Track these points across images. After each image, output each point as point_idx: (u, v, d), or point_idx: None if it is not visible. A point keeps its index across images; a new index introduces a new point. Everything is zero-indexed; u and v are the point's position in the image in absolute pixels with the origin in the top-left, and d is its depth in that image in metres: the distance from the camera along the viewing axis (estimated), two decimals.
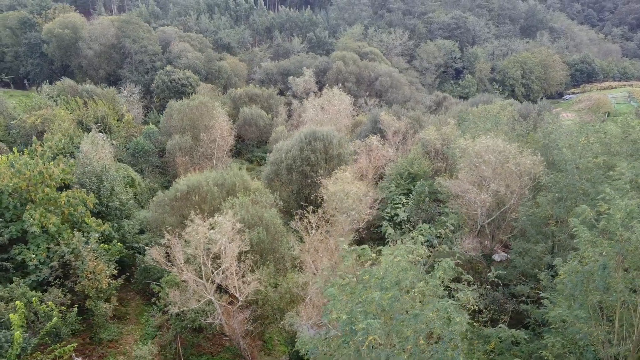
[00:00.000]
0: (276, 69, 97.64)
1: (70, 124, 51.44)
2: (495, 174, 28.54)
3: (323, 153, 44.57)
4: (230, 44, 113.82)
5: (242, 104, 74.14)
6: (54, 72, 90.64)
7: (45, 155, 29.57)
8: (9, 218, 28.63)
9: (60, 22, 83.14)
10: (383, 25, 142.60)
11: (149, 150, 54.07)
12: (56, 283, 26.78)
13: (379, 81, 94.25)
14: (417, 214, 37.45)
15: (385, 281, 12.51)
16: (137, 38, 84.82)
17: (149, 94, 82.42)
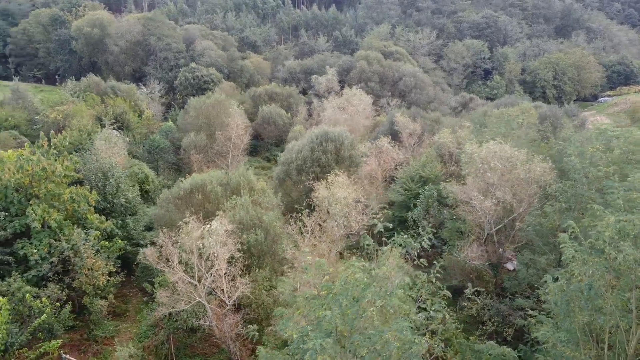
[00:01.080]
0: (299, 67, 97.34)
1: (89, 120, 52.30)
2: (501, 181, 27.40)
3: (334, 154, 43.96)
4: (255, 42, 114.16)
5: (262, 102, 74.09)
6: (82, 68, 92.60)
7: (50, 151, 29.89)
8: (14, 212, 29.14)
9: (89, 20, 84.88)
10: (411, 24, 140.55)
11: (165, 148, 54.54)
12: (54, 279, 27.08)
13: (402, 81, 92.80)
14: (425, 218, 36.55)
15: (341, 298, 11.85)
16: (162, 35, 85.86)
17: (172, 91, 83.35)
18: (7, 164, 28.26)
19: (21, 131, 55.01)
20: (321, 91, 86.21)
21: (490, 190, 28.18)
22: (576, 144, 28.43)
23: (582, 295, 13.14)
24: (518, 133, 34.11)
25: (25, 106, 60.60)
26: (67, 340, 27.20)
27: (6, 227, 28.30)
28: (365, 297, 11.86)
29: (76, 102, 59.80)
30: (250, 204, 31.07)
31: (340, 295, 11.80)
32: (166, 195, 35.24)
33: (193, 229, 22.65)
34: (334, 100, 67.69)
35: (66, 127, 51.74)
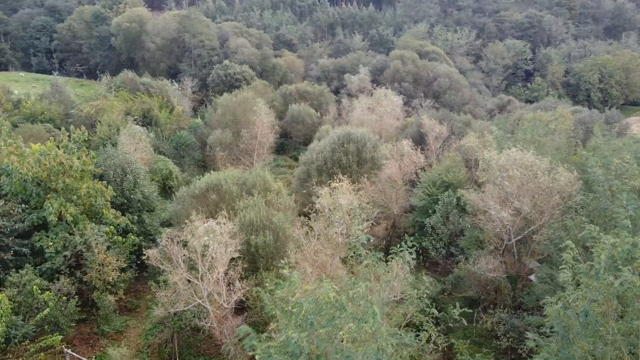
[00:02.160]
0: (333, 66, 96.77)
1: (118, 115, 53.36)
2: (521, 191, 26.06)
3: (356, 156, 43.23)
4: (291, 40, 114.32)
5: (292, 100, 73.89)
6: (121, 64, 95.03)
7: (69, 146, 30.46)
8: (34, 205, 29.86)
9: (128, 17, 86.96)
10: (450, 23, 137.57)
11: (191, 144, 55.06)
12: (66, 272, 27.56)
13: (437, 82, 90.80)
14: (445, 225, 35.35)
15: (311, 318, 11.19)
16: (197, 33, 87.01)
17: (205, 88, 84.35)
18: (28, 158, 28.92)
19: (56, 124, 56.57)
20: (353, 90, 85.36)
21: (509, 199, 26.86)
22: (605, 153, 26.79)
23: (578, 322, 12.09)
24: (543, 140, 32.45)
25: (62, 100, 62.44)
26: (76, 333, 27.71)
27: (24, 219, 29.02)
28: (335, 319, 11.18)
29: (109, 97, 61.24)
30: (262, 205, 30.80)
31: (310, 315, 11.16)
32: (182, 193, 35.47)
33: (197, 227, 22.47)
34: (363, 101, 66.75)
35: (97, 121, 53.05)
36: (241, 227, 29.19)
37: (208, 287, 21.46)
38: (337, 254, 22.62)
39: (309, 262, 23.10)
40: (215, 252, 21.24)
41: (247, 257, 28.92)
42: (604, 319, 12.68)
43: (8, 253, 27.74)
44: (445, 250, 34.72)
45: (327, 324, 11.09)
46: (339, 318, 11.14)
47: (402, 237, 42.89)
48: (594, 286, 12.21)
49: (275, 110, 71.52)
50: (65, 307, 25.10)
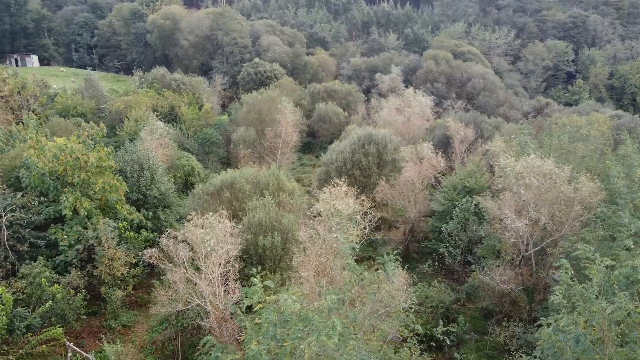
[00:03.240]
0: (364, 65, 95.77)
1: (145, 111, 54.25)
2: (538, 200, 24.79)
3: (376, 157, 42.50)
4: (324, 38, 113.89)
5: (319, 99, 73.51)
6: (156, 60, 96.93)
7: (86, 141, 30.97)
8: (52, 198, 30.52)
9: (162, 14, 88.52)
10: (489, 23, 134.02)
11: (216, 141, 55.41)
12: (78, 266, 28.02)
13: (470, 83, 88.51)
14: (463, 232, 34.18)
15: (272, 330, 10.72)
16: (229, 30, 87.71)
17: (235, 85, 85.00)
18: (46, 152, 29.57)
19: (87, 119, 58.00)
20: (384, 90, 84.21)
21: (526, 209, 25.61)
22: (634, 163, 25.21)
23: (568, 349, 11.17)
24: (569, 146, 30.86)
25: (95, 95, 64.04)
26: (85, 326, 28.16)
27: (41, 212, 29.70)
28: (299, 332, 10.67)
29: (139, 93, 62.44)
30: (272, 206, 30.52)
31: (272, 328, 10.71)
32: (198, 190, 35.63)
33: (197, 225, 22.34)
34: (391, 101, 65.63)
35: (125, 117, 54.16)
36: (249, 227, 29.06)
37: (205, 287, 21.26)
38: (337, 259, 22.03)
39: (312, 265, 22.61)
40: (210, 247, 20.98)
41: (255, 258, 28.78)
42: (601, 346, 11.70)
43: (24, 244, 28.46)
44: (462, 257, 33.58)
45: (292, 337, 10.61)
46: (302, 331, 10.64)
47: (421, 242, 42.09)
48: (591, 311, 11.26)
49: (303, 109, 71.35)
50: (72, 300, 25.43)
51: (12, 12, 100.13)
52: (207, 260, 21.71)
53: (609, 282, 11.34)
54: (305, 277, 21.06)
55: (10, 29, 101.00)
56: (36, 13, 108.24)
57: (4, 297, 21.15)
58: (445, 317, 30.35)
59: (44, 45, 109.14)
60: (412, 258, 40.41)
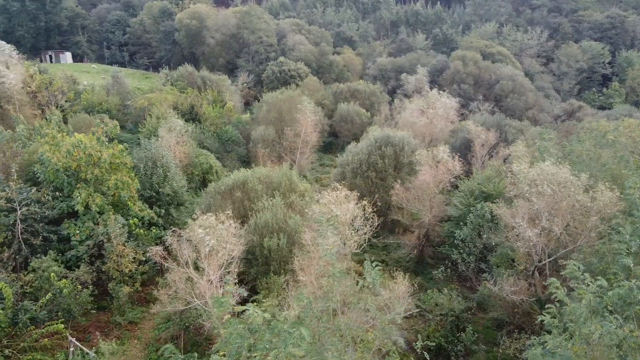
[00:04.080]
0: (390, 65, 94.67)
1: (166, 109, 54.85)
2: (552, 209, 23.78)
3: (393, 160, 41.82)
4: (351, 38, 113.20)
5: (342, 99, 73.00)
6: (184, 58, 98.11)
7: (100, 138, 31.38)
8: (67, 194, 31.07)
9: (189, 12, 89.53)
10: (522, 23, 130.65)
11: (235, 139, 55.58)
12: (87, 261, 28.41)
13: (499, 85, 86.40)
14: (478, 238, 33.22)
15: (233, 342, 10.35)
16: (255, 29, 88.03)
17: (260, 84, 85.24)
18: (61, 148, 30.09)
19: (112, 115, 59.10)
20: (409, 91, 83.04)
21: (539, 217, 24.62)
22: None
23: None
24: (590, 154, 29.53)
25: (120, 91, 65.14)
26: (94, 321, 28.53)
27: (55, 207, 30.24)
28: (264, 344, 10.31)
29: (163, 91, 63.26)
30: (281, 207, 30.30)
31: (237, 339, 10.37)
32: (211, 189, 35.74)
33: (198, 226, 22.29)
34: (414, 102, 64.61)
35: (147, 114, 54.90)
36: (255, 228, 28.92)
37: (202, 287, 21.17)
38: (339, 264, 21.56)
39: (314, 269, 22.27)
40: (210, 247, 20.86)
41: (261, 260, 28.61)
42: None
43: (37, 238, 29.03)
44: (475, 265, 32.64)
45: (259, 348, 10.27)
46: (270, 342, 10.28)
47: (436, 248, 41.19)
48: (580, 333, 10.56)
49: (325, 109, 71.03)
50: (79, 295, 25.76)
51: (47, 10, 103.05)
52: (207, 261, 21.63)
53: (602, 303, 10.61)
54: (304, 282, 20.75)
55: (45, 26, 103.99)
56: (71, 11, 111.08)
57: (4, 292, 21.52)
58: (455, 325, 29.56)
59: (77, 42, 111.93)
60: (426, 263, 39.62)
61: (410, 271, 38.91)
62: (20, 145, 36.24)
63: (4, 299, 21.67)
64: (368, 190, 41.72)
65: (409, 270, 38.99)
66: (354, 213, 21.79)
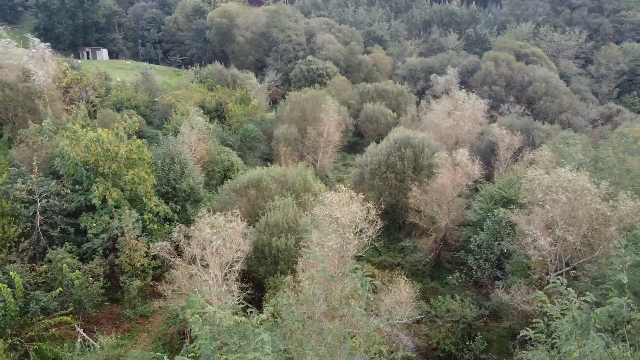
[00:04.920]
0: (420, 65, 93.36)
1: (192, 106, 55.52)
2: (567, 217, 22.84)
3: (412, 161, 41.18)
4: (382, 37, 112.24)
5: (369, 99, 72.38)
6: (215, 56, 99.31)
7: (119, 134, 31.97)
8: (86, 187, 31.82)
9: (220, 11, 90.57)
10: (560, 23, 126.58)
11: (257, 137, 55.80)
12: (101, 254, 29.00)
13: (532, 87, 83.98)
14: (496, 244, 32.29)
15: (205, 345, 10.24)
16: (284, 28, 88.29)
17: (287, 82, 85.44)
18: (81, 142, 30.79)
19: (139, 111, 60.30)
20: (438, 92, 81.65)
21: (554, 225, 23.70)
22: None
23: None
24: (614, 160, 28.25)
25: (149, 88, 66.35)
26: (106, 313, 29.12)
27: (73, 200, 31.01)
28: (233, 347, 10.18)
29: (189, 88, 64.12)
30: (292, 206, 30.19)
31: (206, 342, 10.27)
32: (226, 187, 35.99)
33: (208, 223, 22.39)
34: (442, 103, 63.44)
35: (173, 111, 55.73)
36: (266, 227, 28.90)
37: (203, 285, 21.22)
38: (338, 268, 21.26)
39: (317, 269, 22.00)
40: (215, 247, 20.91)
41: (269, 259, 28.57)
42: None
43: (56, 230, 29.84)
44: (491, 271, 31.75)
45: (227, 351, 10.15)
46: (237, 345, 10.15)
47: (454, 252, 40.29)
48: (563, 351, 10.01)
49: (351, 109, 70.59)
50: (90, 287, 26.29)
51: (85, 8, 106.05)
52: (212, 259, 21.71)
53: (590, 320, 10.01)
54: (303, 283, 20.52)
55: (83, 23, 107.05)
56: (108, 9, 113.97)
57: (15, 281, 22.14)
58: (467, 333, 28.85)
59: (113, 40, 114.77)
60: (443, 268, 38.86)
61: (426, 275, 38.28)
62: (46, 138, 37.34)
63: (15, 288, 22.31)
64: (387, 192, 41.28)
65: (424, 274, 38.36)
66: (356, 215, 21.40)
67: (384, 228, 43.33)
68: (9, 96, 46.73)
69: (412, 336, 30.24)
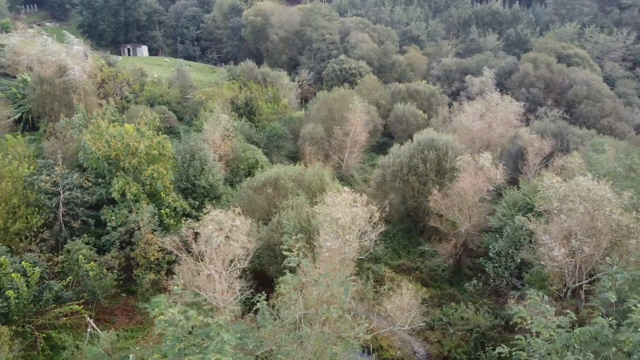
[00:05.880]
0: (456, 66, 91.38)
1: (223, 103, 56.24)
2: (586, 229, 21.78)
3: (435, 164, 40.31)
4: (418, 37, 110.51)
5: (400, 99, 71.40)
6: (250, 54, 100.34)
7: (140, 130, 32.65)
8: (108, 181, 32.70)
9: (254, 9, 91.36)
10: (607, 24, 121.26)
11: (283, 136, 55.95)
12: (117, 246, 29.71)
13: (572, 90, 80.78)
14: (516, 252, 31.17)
15: (168, 345, 10.25)
16: (318, 27, 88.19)
17: (320, 81, 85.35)
18: (104, 137, 31.64)
19: (171, 107, 61.62)
20: (473, 93, 79.73)
21: (570, 236, 22.65)
22: None
23: None
24: None
25: (183, 84, 67.63)
26: (121, 304, 29.83)
27: (95, 193, 31.91)
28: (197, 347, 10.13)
29: (220, 85, 64.99)
30: (306, 206, 30.07)
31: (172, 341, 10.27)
32: (244, 184, 36.24)
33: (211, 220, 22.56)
34: (474, 105, 61.90)
35: (203, 107, 56.65)
36: (277, 226, 28.89)
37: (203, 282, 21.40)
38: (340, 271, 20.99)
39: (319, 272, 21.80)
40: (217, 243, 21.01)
41: (280, 258, 28.52)
42: None
43: (77, 221, 30.78)
44: (509, 280, 30.71)
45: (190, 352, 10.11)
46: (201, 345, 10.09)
47: (475, 259, 39.19)
48: None
49: (382, 109, 69.90)
50: (103, 279, 26.94)
51: (127, 6, 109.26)
52: (216, 255, 21.85)
53: (570, 340, 9.42)
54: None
55: (125, 21, 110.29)
56: (149, 7, 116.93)
57: (28, 270, 22.91)
58: (480, 342, 28.04)
59: (153, 37, 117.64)
60: (463, 274, 37.89)
61: (445, 281, 37.45)
62: (76, 132, 38.55)
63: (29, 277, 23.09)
64: (408, 194, 40.61)
65: (443, 279, 37.56)
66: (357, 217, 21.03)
67: (404, 231, 43.21)
68: (47, 91, 48.57)
69: (424, 343, 29.61)
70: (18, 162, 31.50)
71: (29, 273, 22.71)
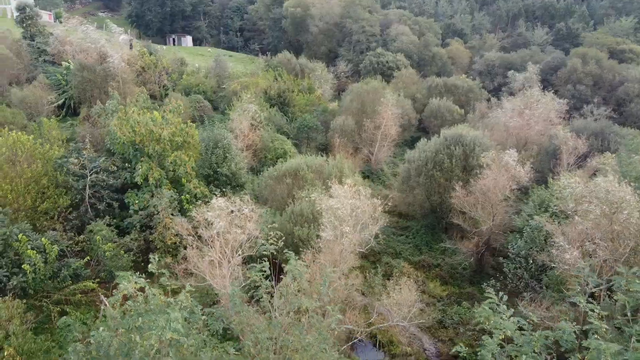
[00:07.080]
0: (499, 60, 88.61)
1: (257, 93, 56.80)
2: (602, 232, 20.75)
3: (462, 160, 39.32)
4: (462, 30, 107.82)
5: (436, 93, 70.01)
6: (290, 45, 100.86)
7: (165, 117, 33.48)
8: (133, 166, 33.78)
9: (295, 1, 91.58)
10: None
11: (313, 127, 55.97)
12: (137, 229, 30.69)
13: (622, 88, 76.77)
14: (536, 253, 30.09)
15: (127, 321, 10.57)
16: (358, 18, 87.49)
17: (357, 73, 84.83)
18: (129, 123, 32.67)
19: (206, 97, 62.78)
20: (515, 89, 77.14)
21: (590, 239, 21.63)
22: None
23: None
24: None
25: (219, 74, 68.76)
26: None
27: (120, 176, 33.06)
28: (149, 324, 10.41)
29: (257, 75, 65.65)
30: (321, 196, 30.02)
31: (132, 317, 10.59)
32: (266, 174, 36.60)
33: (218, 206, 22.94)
34: (512, 101, 59.85)
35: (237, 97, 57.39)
36: (291, 216, 29.06)
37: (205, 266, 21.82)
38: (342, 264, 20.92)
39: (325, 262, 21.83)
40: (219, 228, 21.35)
41: (291, 248, 28.68)
42: None
43: (102, 204, 32.01)
44: (527, 282, 29.69)
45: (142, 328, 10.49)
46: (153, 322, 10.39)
47: (498, 258, 38.10)
48: None
49: (417, 103, 68.73)
50: (121, 260, 27.93)
51: None
52: (218, 241, 22.23)
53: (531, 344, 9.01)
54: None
55: (170, 11, 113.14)
56: None
57: (47, 248, 24.04)
58: None
59: (198, 27, 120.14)
60: (485, 273, 36.95)
61: (465, 279, 36.69)
62: (108, 118, 39.97)
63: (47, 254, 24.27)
64: (432, 190, 39.89)
65: (464, 277, 36.81)
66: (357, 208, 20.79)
67: (428, 227, 42.49)
68: (87, 78, 50.51)
69: (435, 340, 29.15)
70: (49, 145, 33.00)
71: (48, 250, 23.86)
